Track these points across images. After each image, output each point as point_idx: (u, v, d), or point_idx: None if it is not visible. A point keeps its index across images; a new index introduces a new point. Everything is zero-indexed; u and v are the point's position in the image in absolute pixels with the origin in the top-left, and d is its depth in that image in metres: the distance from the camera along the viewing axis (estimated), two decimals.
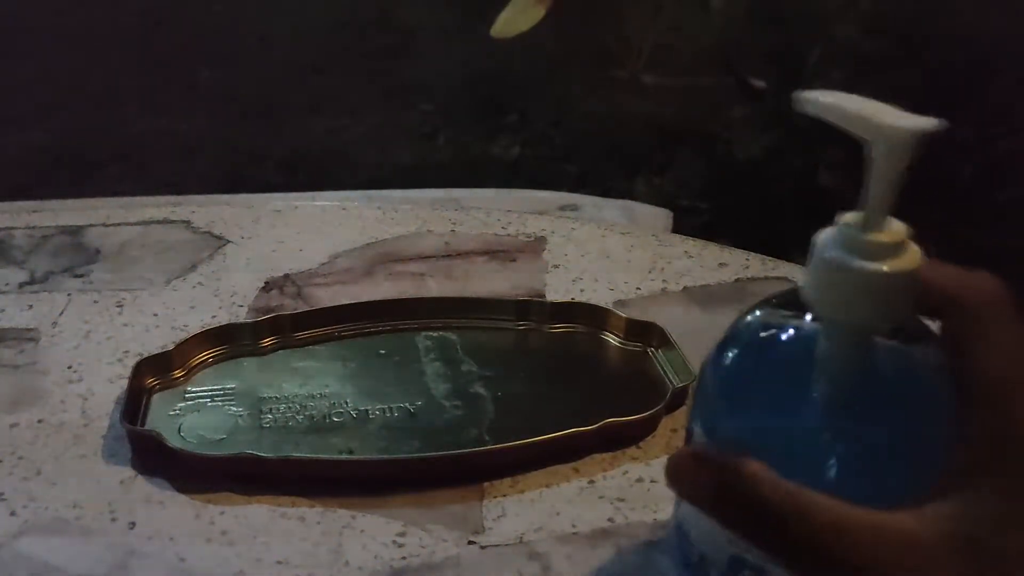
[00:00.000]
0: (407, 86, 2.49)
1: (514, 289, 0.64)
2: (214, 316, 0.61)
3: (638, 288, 0.64)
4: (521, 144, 2.27)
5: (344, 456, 0.48)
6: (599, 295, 0.63)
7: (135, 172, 2.18)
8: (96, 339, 0.59)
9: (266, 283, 0.65)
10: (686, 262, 0.67)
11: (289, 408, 0.51)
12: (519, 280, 0.65)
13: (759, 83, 2.34)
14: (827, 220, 0.31)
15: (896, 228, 0.30)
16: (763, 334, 0.32)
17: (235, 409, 0.51)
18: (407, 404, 0.52)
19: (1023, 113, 2.14)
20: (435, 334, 0.58)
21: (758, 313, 0.32)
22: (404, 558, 0.43)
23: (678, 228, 0.96)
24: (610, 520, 0.45)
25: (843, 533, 0.27)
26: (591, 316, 0.59)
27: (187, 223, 0.73)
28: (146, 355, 0.54)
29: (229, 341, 0.56)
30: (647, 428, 0.50)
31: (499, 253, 0.68)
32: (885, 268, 0.29)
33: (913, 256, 0.29)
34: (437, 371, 0.55)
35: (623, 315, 0.58)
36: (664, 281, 0.65)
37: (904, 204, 0.30)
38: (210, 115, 2.42)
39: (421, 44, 2.65)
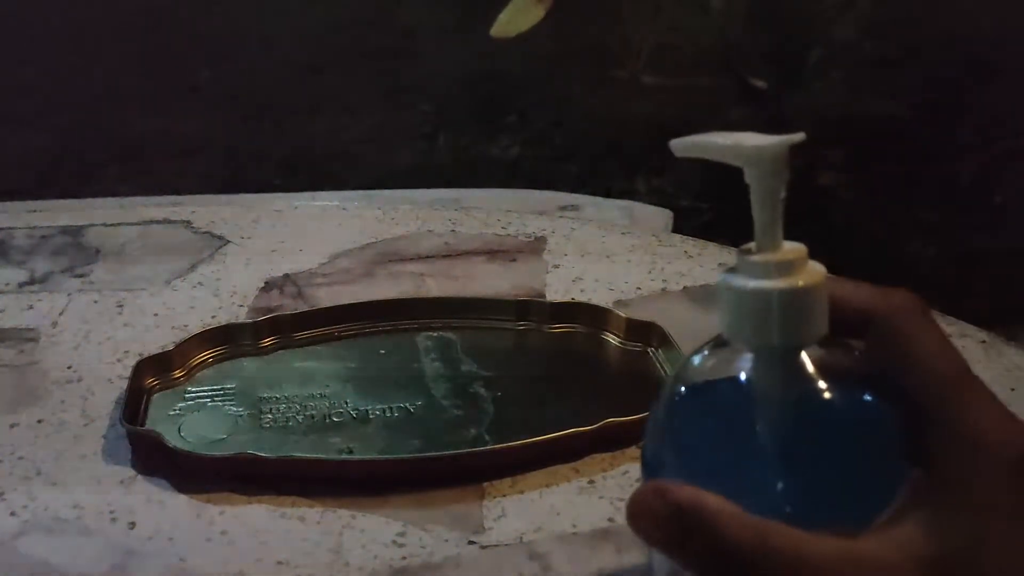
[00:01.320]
0: (407, 86, 2.49)
1: (514, 289, 0.64)
2: (214, 316, 0.61)
3: (638, 288, 0.64)
4: (521, 144, 2.27)
5: (344, 456, 0.48)
6: (599, 295, 0.63)
7: (135, 172, 2.18)
8: (96, 339, 0.59)
9: (266, 283, 0.65)
10: (686, 262, 0.67)
11: (289, 408, 0.51)
12: (519, 280, 0.65)
13: (759, 83, 2.34)
14: (827, 220, 0.31)
15: (792, 247, 0.30)
16: (700, 378, 0.32)
17: (235, 409, 0.51)
18: (407, 404, 0.52)
19: (1022, 114, 2.14)
20: (435, 334, 0.58)
21: (696, 358, 0.32)
22: (404, 558, 0.43)
23: (678, 228, 0.96)
24: (610, 520, 0.45)
25: (813, 568, 0.26)
26: (591, 316, 0.59)
27: (187, 223, 0.73)
28: (146, 355, 0.54)
29: (229, 341, 0.56)
30: None
31: (499, 253, 0.68)
32: (784, 284, 0.29)
33: (814, 271, 0.30)
34: (437, 371, 0.54)
35: (623, 315, 0.58)
36: (664, 281, 0.65)
37: (905, 204, 0.30)
38: (210, 115, 2.42)
39: (421, 44, 2.65)
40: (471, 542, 0.44)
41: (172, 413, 0.51)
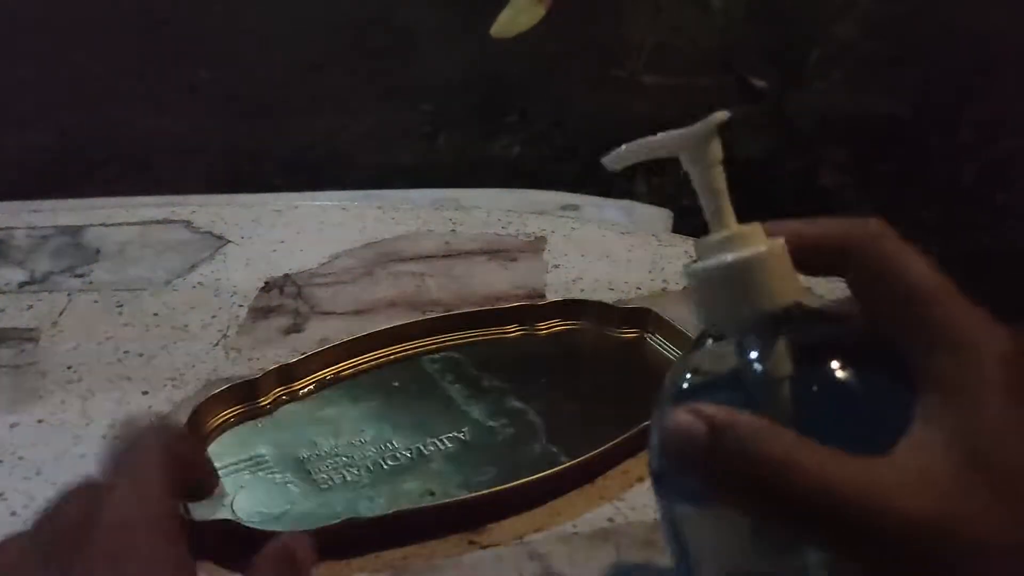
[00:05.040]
0: (407, 86, 2.49)
1: (514, 289, 0.64)
2: (214, 316, 0.61)
3: (638, 288, 0.64)
4: (521, 144, 2.27)
5: (441, 500, 0.45)
6: (599, 295, 0.62)
7: (135, 172, 2.18)
8: (96, 339, 0.59)
9: (266, 283, 0.65)
10: (686, 262, 0.67)
11: (336, 463, 0.48)
12: (519, 280, 0.65)
13: (760, 83, 2.34)
14: None
15: (745, 225, 0.31)
16: (694, 379, 0.32)
17: (280, 476, 0.47)
18: (455, 433, 0.50)
19: (1023, 113, 2.13)
20: (439, 355, 0.56)
21: (683, 363, 0.32)
22: (404, 558, 0.43)
23: (678, 228, 0.96)
24: (610, 520, 0.45)
25: (837, 483, 0.26)
26: (586, 313, 0.59)
27: (187, 223, 0.73)
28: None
29: (230, 405, 0.51)
30: None
31: (499, 253, 0.68)
32: (737, 255, 0.30)
33: (771, 241, 0.30)
34: (462, 393, 0.53)
35: (613, 305, 0.59)
36: (664, 281, 0.65)
37: (906, 204, 0.30)
38: (210, 115, 2.41)
39: (421, 44, 2.65)
40: (471, 542, 0.44)
41: (215, 495, 0.45)
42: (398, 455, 0.49)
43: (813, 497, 0.26)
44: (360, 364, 0.56)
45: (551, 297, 0.62)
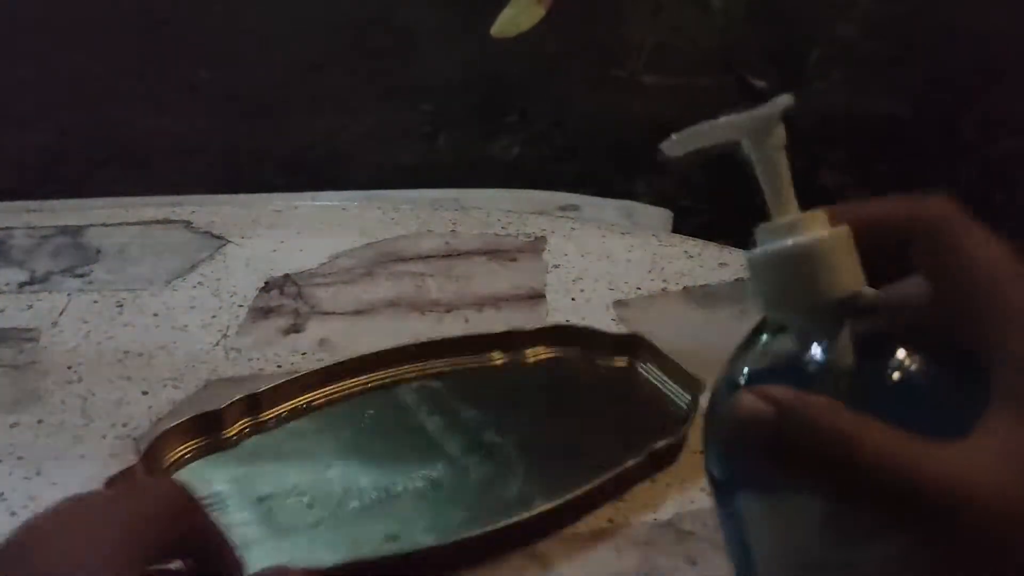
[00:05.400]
0: (407, 86, 2.49)
1: (514, 289, 0.64)
2: (214, 316, 0.61)
3: (638, 288, 0.64)
4: (521, 144, 2.27)
5: (408, 548, 0.42)
6: (599, 295, 0.62)
7: (135, 172, 2.18)
8: (96, 339, 0.59)
9: (266, 283, 0.65)
10: (686, 262, 0.67)
11: (299, 501, 0.45)
12: (519, 280, 0.65)
13: (760, 83, 2.34)
14: None
15: (808, 212, 0.29)
16: (752, 367, 0.30)
17: (238, 516, 0.44)
18: (427, 471, 0.47)
19: (1023, 113, 2.13)
20: (417, 384, 0.53)
21: (741, 351, 0.31)
22: None
23: (678, 228, 0.96)
24: (610, 520, 0.45)
25: (915, 464, 0.25)
26: (575, 340, 0.56)
27: (187, 223, 0.73)
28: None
29: (192, 437, 0.49)
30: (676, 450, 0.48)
31: (499, 253, 0.68)
32: (799, 240, 0.28)
33: (835, 228, 0.29)
34: (439, 425, 0.50)
35: (604, 332, 0.56)
36: (664, 281, 0.65)
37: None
38: (210, 115, 2.41)
39: (421, 44, 2.65)
40: None
41: None
42: (365, 494, 0.46)
43: (888, 475, 0.25)
44: (333, 393, 0.52)
45: (551, 297, 0.62)
